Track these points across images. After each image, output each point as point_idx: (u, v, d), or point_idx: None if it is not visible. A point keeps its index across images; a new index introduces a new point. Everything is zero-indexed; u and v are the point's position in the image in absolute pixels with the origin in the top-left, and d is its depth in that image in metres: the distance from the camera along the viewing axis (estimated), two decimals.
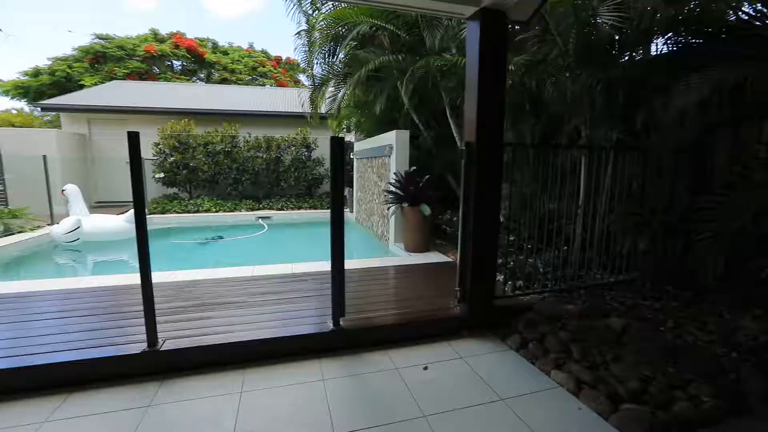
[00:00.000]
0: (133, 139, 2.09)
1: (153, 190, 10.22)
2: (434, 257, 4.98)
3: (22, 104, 21.74)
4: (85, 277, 5.18)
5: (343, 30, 5.37)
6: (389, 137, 5.81)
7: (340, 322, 2.65)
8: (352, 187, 8.74)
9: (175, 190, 10.51)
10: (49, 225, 7.15)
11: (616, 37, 3.75)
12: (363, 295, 3.35)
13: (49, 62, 20.32)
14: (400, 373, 2.41)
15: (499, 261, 3.24)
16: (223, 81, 23.83)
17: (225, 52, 25.99)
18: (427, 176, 5.25)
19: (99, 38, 21.61)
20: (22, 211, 7.36)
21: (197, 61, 24.37)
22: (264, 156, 10.56)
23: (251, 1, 59.13)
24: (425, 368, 2.47)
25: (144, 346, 2.34)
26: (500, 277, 3.37)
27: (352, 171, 8.68)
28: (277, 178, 10.77)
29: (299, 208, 10.07)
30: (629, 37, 3.62)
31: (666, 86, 3.20)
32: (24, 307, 3.11)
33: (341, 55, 5.83)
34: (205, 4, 54.58)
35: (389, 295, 3.55)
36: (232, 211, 9.47)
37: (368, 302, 3.21)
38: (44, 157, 7.85)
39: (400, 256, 5.22)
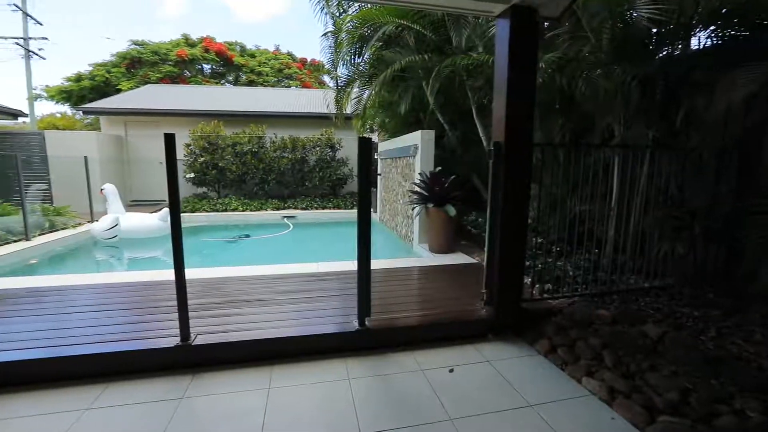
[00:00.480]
0: (170, 140, 2.16)
1: (183, 189, 10.58)
2: (459, 258, 4.92)
3: (65, 108, 23.05)
4: (121, 273, 5.43)
5: (369, 31, 5.38)
6: (414, 137, 5.78)
7: (366, 322, 2.66)
8: (376, 187, 8.77)
9: (204, 189, 10.86)
10: (89, 222, 7.53)
11: (653, 31, 3.59)
12: (388, 296, 3.34)
13: (90, 68, 21.43)
14: (426, 374, 2.39)
15: (527, 263, 3.16)
16: (250, 83, 24.41)
17: (252, 55, 26.59)
18: (453, 176, 5.19)
19: (135, 44, 22.59)
20: (65, 209, 7.79)
21: (226, 64, 25.06)
22: (289, 156, 10.74)
23: (278, 4, 60.36)
24: (451, 371, 2.44)
25: (177, 340, 2.42)
26: (527, 280, 3.30)
27: (377, 171, 8.71)
28: (302, 178, 10.94)
29: (323, 207, 10.19)
30: (668, 30, 3.46)
31: (709, 82, 3.04)
32: (65, 300, 3.29)
33: (366, 56, 5.86)
34: (233, 9, 56.12)
35: (414, 296, 3.53)
36: (258, 210, 9.69)
37: (393, 302, 3.21)
38: (85, 158, 8.27)
39: (424, 257, 5.19)
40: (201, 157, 10.34)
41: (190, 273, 2.47)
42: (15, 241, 5.87)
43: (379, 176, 8.34)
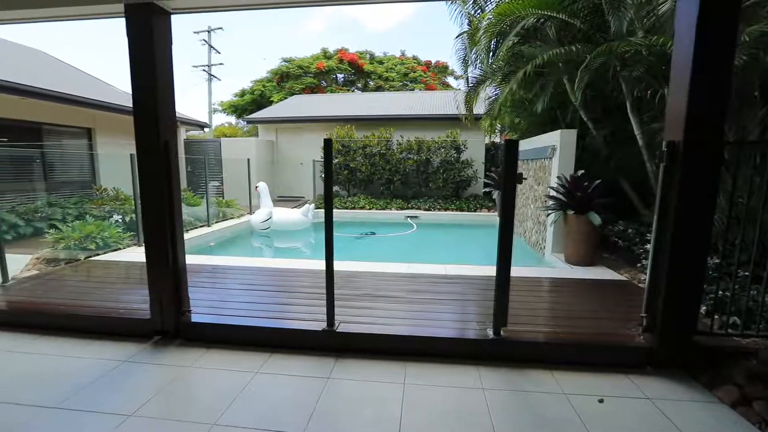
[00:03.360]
0: (328, 145, 2.41)
1: (320, 187, 11.81)
2: (602, 273, 4.35)
3: (231, 119, 28.12)
4: (270, 259, 6.31)
5: (506, 27, 5.14)
6: (552, 137, 5.33)
7: (501, 332, 2.54)
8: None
9: (336, 188, 11.94)
10: (248, 214, 8.99)
11: None
12: (520, 306, 3.14)
13: (251, 84, 25.63)
14: (570, 399, 2.16)
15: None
16: (378, 89, 25.88)
17: (380, 62, 28.14)
18: (598, 181, 4.61)
19: (284, 61, 26.12)
20: (233, 202, 9.46)
21: (357, 72, 27.09)
22: (415, 158, 11.02)
23: (403, 11, 62.70)
24: (601, 401, 2.16)
25: (324, 325, 2.70)
26: (703, 308, 2.72)
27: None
28: (426, 179, 11.11)
29: (446, 209, 10.17)
30: None
31: None
32: (232, 278, 3.98)
33: (501, 53, 5.61)
34: (363, 21, 60.36)
35: (551, 310, 3.26)
36: (383, 210, 10.19)
37: (526, 314, 3.01)
38: (248, 160, 9.90)
39: (559, 268, 4.74)
40: (335, 158, 11.39)
41: (324, 265, 2.70)
42: (201, 227, 7.37)
43: (525, 180, 7.86)
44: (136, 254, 5.08)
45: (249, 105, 24.54)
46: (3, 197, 6.84)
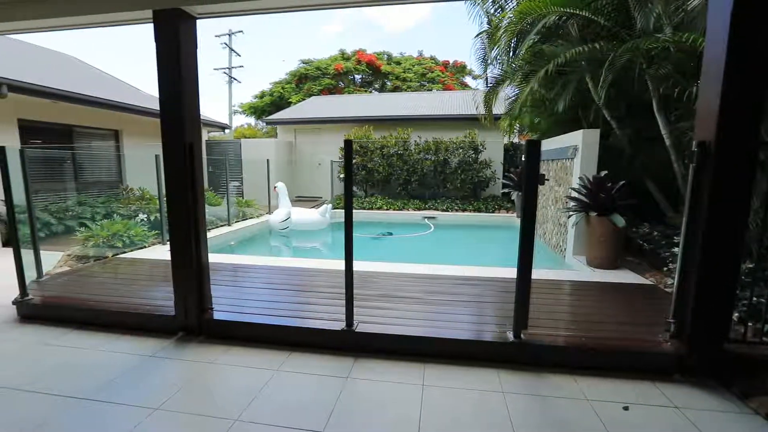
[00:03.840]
0: (348, 146, 2.43)
1: (338, 187, 11.90)
2: (625, 276, 4.24)
3: (251, 120, 28.62)
4: (289, 258, 6.38)
5: (527, 25, 5.06)
6: (574, 137, 5.22)
7: (522, 335, 2.51)
8: (521, 190, 8.24)
9: (354, 188, 11.97)
10: (267, 214, 9.13)
11: None
12: (540, 309, 3.08)
13: (270, 86, 26.03)
14: (593, 405, 2.11)
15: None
16: (395, 89, 25.88)
17: (398, 62, 28.14)
18: (622, 182, 4.49)
19: (303, 62, 26.42)
20: (252, 202, 9.63)
21: (374, 73, 27.16)
22: (432, 158, 10.96)
23: (420, 12, 62.51)
24: (626, 408, 2.10)
25: (342, 325, 2.71)
26: (735, 315, 2.61)
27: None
28: (444, 180, 11.04)
29: (463, 210, 10.08)
30: None
31: None
32: (252, 276, 4.05)
33: (522, 52, 5.53)
34: (381, 21, 60.44)
35: (572, 313, 3.19)
36: (401, 210, 10.18)
37: (547, 317, 2.95)
38: (267, 161, 10.05)
39: (580, 271, 4.64)
40: (353, 159, 11.44)
41: (341, 264, 2.71)
42: (221, 226, 7.53)
43: (547, 181, 7.70)
44: (160, 252, 5.23)
45: (268, 106, 24.94)
46: (37, 196, 7.15)
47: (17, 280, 3.26)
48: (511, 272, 2.63)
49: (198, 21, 2.79)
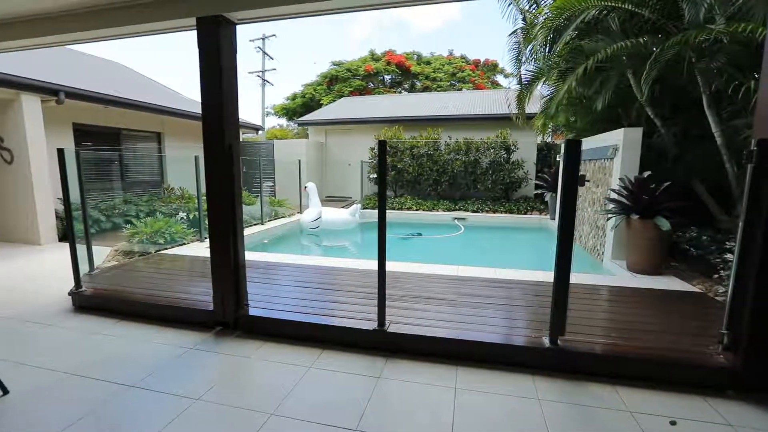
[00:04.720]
0: (382, 146, 2.43)
1: (367, 187, 11.97)
2: (669, 283, 4.01)
3: (282, 121, 29.31)
4: (319, 257, 6.48)
5: (564, 21, 4.89)
6: (613, 137, 5.00)
7: (558, 342, 2.42)
8: (555, 192, 7.98)
9: None
10: (298, 213, 9.32)
11: None
12: (577, 314, 2.97)
13: (302, 88, 26.57)
14: (636, 418, 2.02)
15: None
16: (425, 89, 25.75)
17: (428, 62, 27.98)
18: (668, 183, 4.25)
19: (334, 64, 26.79)
20: (284, 202, 9.86)
21: (404, 73, 27.14)
22: (463, 159, 10.81)
23: (450, 10, 61.83)
24: (673, 422, 1.99)
25: (374, 324, 2.73)
26: None
27: (557, 175, 7.91)
28: (474, 181, 10.86)
29: (494, 211, 9.87)
30: None
31: None
32: (284, 274, 4.13)
33: (558, 49, 5.34)
34: (411, 21, 60.25)
35: (612, 320, 3.05)
36: (430, 211, 10.10)
37: (584, 323, 2.84)
38: (299, 161, 10.26)
39: (620, 276, 4.44)
40: None
41: (374, 264, 2.71)
42: (254, 225, 7.76)
43: (587, 182, 7.42)
44: (199, 249, 5.45)
45: (299, 108, 25.47)
46: (89, 195, 7.64)
47: (72, 272, 3.50)
48: (544, 275, 2.56)
49: (237, 26, 2.90)
